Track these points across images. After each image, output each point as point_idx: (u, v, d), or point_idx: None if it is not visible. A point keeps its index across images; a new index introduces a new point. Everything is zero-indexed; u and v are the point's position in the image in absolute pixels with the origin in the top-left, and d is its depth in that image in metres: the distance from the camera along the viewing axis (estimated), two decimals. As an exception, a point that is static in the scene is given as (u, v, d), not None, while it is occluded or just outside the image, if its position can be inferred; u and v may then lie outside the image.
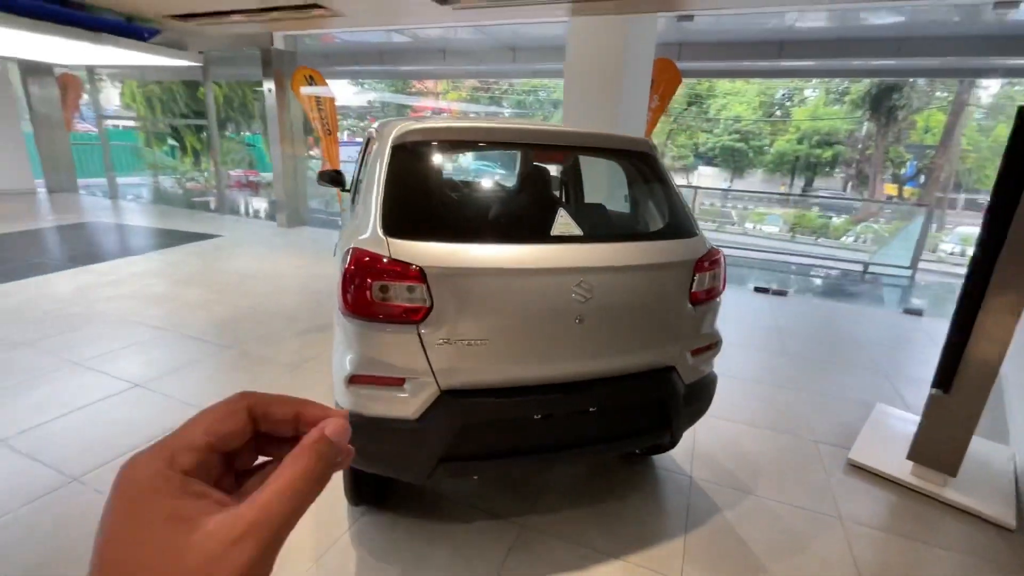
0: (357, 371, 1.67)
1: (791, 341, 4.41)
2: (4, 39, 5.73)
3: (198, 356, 3.56)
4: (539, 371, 1.75)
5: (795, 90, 29.28)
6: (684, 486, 2.46)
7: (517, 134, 1.95)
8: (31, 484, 2.25)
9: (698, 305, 1.97)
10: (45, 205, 9.44)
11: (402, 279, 1.58)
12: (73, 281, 5.11)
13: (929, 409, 2.46)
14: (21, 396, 2.95)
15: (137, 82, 13.24)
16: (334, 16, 5.16)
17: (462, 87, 28.56)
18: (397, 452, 1.72)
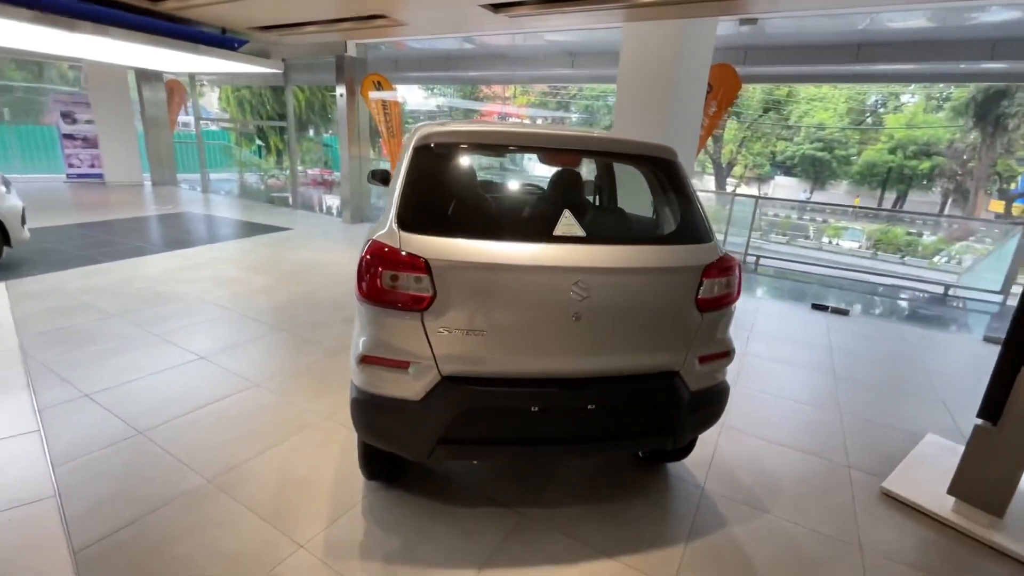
0: (368, 352, 1.82)
1: (843, 362, 4.15)
2: (124, 51, 6.57)
3: (255, 335, 3.92)
4: (535, 365, 1.82)
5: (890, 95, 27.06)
6: (694, 496, 2.42)
7: (534, 138, 2.03)
8: (107, 433, 2.61)
9: (707, 312, 1.95)
10: (149, 196, 10.64)
11: (409, 270, 1.71)
12: (163, 263, 5.76)
13: (974, 441, 2.27)
14: (108, 359, 3.40)
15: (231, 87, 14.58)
16: (398, 25, 5.48)
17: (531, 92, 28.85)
18: (401, 430, 1.86)
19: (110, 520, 2.05)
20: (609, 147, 2.12)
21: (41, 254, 5.79)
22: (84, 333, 3.78)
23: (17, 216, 5.12)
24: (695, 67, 5.12)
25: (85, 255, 5.87)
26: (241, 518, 2.11)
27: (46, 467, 2.33)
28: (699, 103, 5.38)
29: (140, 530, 2.01)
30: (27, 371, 3.17)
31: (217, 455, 2.49)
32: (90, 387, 3.03)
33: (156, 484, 2.27)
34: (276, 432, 2.71)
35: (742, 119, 27.06)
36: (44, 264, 5.42)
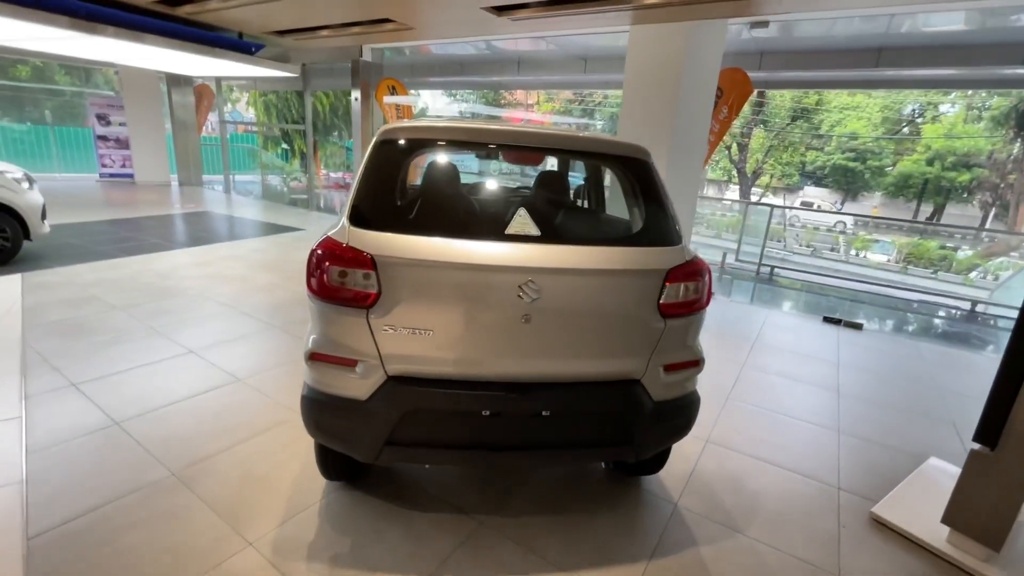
0: (316, 349, 1.80)
1: (850, 378, 3.94)
2: (145, 54, 6.82)
3: (247, 332, 3.96)
4: (484, 367, 1.76)
5: (928, 105, 26.09)
6: (665, 512, 2.31)
7: (497, 136, 1.98)
8: (84, 422, 2.65)
9: (671, 318, 1.86)
10: (175, 195, 10.99)
11: (355, 265, 1.68)
12: (173, 260, 5.91)
13: (969, 467, 2.10)
14: (102, 350, 3.48)
15: (258, 92, 15.00)
16: (405, 29, 5.52)
17: (556, 99, 28.84)
18: (348, 430, 1.82)
19: (69, 508, 2.06)
20: (578, 146, 2.05)
21: (61, 248, 6.01)
22: (85, 324, 3.88)
23: (37, 211, 5.33)
24: (703, 71, 5.00)
25: (102, 250, 6.07)
26: (197, 512, 2.10)
27: (20, 453, 2.37)
28: (707, 108, 5.25)
29: (96, 519, 2.02)
30: (23, 359, 3.26)
31: (185, 448, 2.50)
32: (78, 377, 3.10)
33: (121, 474, 2.29)
34: (248, 428, 2.71)
35: (769, 127, 26.45)
36: (62, 257, 5.62)
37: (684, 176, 5.27)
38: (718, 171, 30.58)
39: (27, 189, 5.27)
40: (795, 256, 14.19)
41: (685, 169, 5.24)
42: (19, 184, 5.18)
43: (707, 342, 4.52)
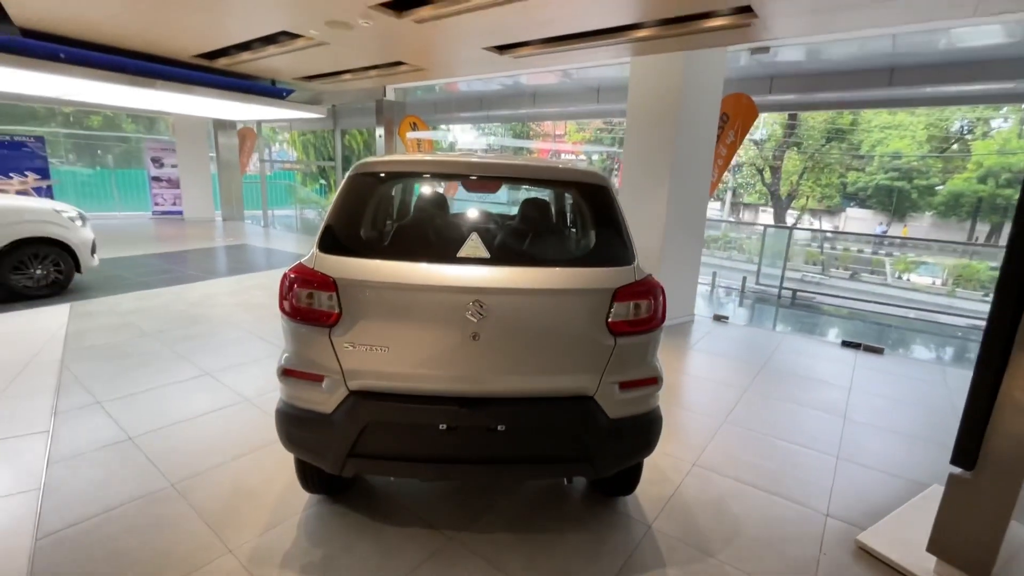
0: (288, 365, 1.95)
1: (861, 404, 3.80)
2: (190, 102, 7.49)
3: (261, 356, 4.20)
4: (438, 383, 1.86)
5: (978, 121, 25.04)
6: (638, 534, 2.30)
7: (459, 167, 2.13)
8: (103, 437, 2.89)
9: (622, 336, 1.92)
10: (218, 230, 11.76)
11: (319, 287, 1.84)
12: (206, 289, 6.33)
13: (949, 491, 2.02)
14: (129, 372, 3.77)
15: (297, 132, 16.01)
16: (417, 70, 5.89)
17: (586, 128, 29.31)
18: (316, 441, 1.94)
19: (76, 513, 2.26)
20: (535, 174, 2.17)
21: (108, 280, 6.54)
22: (118, 349, 4.22)
23: (87, 246, 5.86)
24: (704, 99, 5.08)
25: (144, 281, 6.58)
26: (187, 520, 2.25)
27: (43, 463, 2.61)
28: (711, 135, 5.30)
29: (97, 524, 2.20)
30: (59, 379, 3.58)
31: (186, 462, 2.68)
32: (103, 396, 3.38)
33: (127, 484, 2.48)
34: (246, 444, 2.88)
35: (803, 149, 25.94)
36: (107, 288, 6.12)
37: (689, 202, 5.30)
38: (754, 195, 30.06)
39: (80, 226, 5.82)
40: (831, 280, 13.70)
41: (690, 195, 5.27)
42: (73, 222, 5.74)
43: (712, 365, 4.47)
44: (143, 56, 5.92)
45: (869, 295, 9.89)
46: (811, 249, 15.86)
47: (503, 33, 4.41)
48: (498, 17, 3.93)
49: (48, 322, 4.80)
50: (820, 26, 3.81)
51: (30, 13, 4.54)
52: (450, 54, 5.13)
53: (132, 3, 4.28)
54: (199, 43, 5.55)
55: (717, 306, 7.32)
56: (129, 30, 5.16)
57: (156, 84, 6.37)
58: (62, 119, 16.97)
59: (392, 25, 4.20)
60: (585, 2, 3.62)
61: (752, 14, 3.57)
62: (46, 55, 5.21)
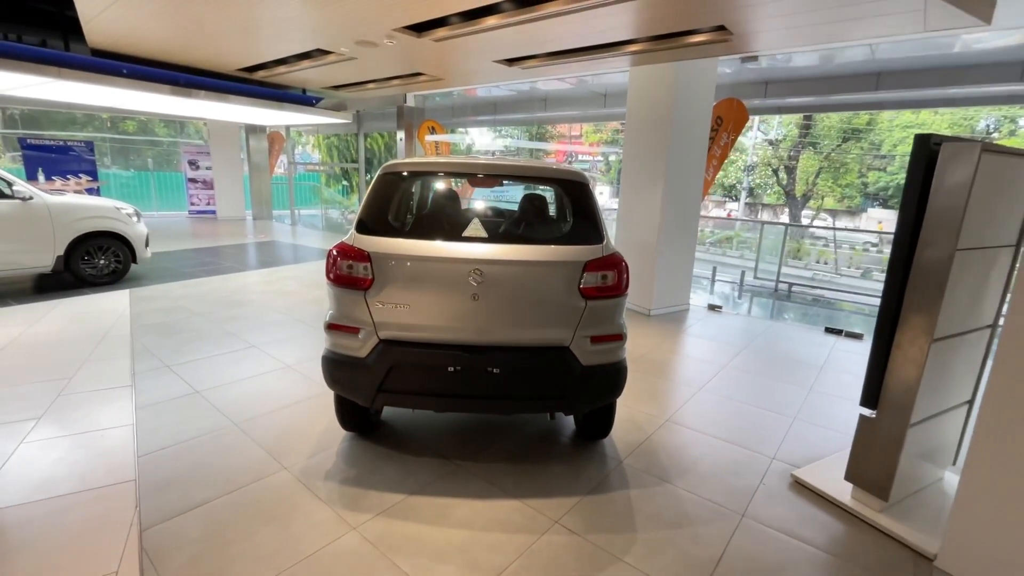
0: (333, 321, 2.52)
1: (828, 378, 4.23)
2: (228, 110, 8.22)
3: (298, 334, 4.82)
4: (447, 333, 2.40)
5: (1004, 119, 24.70)
6: (610, 467, 2.81)
7: (465, 167, 2.68)
8: (176, 391, 3.51)
9: (592, 299, 2.44)
10: (249, 228, 12.55)
11: (358, 259, 2.40)
12: (243, 279, 7.01)
13: (859, 429, 2.49)
14: (188, 344, 4.42)
15: (322, 136, 16.81)
16: (436, 80, 6.47)
17: (603, 129, 29.70)
18: (353, 380, 2.50)
19: (165, 440, 2.87)
20: (525, 172, 2.71)
21: (159, 270, 7.28)
22: (175, 326, 4.88)
23: (142, 240, 6.59)
24: (696, 105, 5.54)
25: (188, 271, 7.30)
26: (250, 448, 2.84)
27: (131, 410, 3.24)
28: (703, 137, 5.75)
29: (182, 448, 2.81)
30: (132, 349, 4.24)
31: (246, 408, 3.29)
32: (171, 361, 4.02)
33: (200, 423, 3.09)
34: (292, 397, 3.47)
35: (818, 150, 25.89)
36: (159, 277, 6.85)
37: (683, 201, 5.76)
38: (772, 196, 30.02)
39: (136, 222, 6.55)
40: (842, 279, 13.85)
41: (683, 195, 5.73)
42: (130, 218, 6.46)
43: (698, 346, 5.00)
44: (191, 70, 6.63)
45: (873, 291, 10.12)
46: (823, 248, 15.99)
47: (512, 49, 4.95)
48: (507, 36, 4.48)
49: (113, 304, 5.50)
50: (789, 41, 4.26)
51: (104, 37, 5.25)
52: (465, 66, 5.70)
53: (190, 28, 4.94)
54: (242, 59, 6.22)
55: (714, 298, 7.73)
56: (182, 49, 5.85)
57: (201, 94, 7.08)
58: (100, 124, 18.11)
59: (412, 43, 4.78)
60: (584, 23, 4.14)
61: (727, 32, 4.05)
62: (111, 71, 5.94)
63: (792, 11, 3.53)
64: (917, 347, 2.24)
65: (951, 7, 3.24)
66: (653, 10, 3.75)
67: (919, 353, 2.23)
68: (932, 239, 2.16)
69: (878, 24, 3.68)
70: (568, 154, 29.92)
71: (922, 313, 2.21)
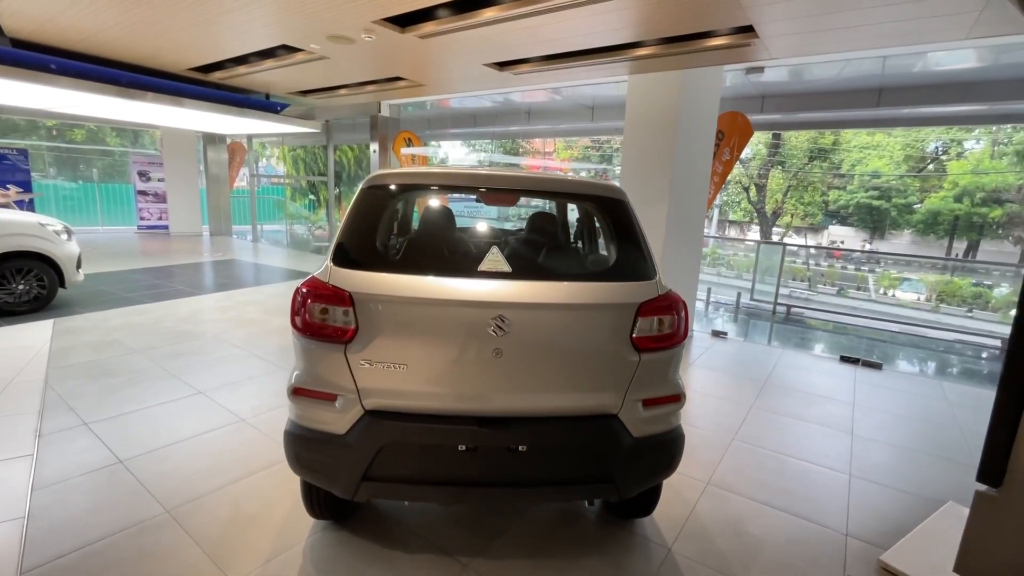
0: (299, 384, 1.86)
1: (866, 419, 3.79)
2: (182, 116, 7.40)
3: (256, 373, 4.07)
4: (458, 401, 1.79)
5: (951, 142, 25.90)
6: (658, 558, 2.23)
7: (474, 179, 2.09)
8: (91, 460, 2.74)
9: (646, 352, 1.87)
10: (206, 245, 11.55)
11: (334, 302, 1.77)
12: (195, 305, 6.17)
13: (976, 510, 1.99)
14: (117, 391, 3.62)
15: (288, 148, 15.93)
16: (416, 86, 5.89)
17: (574, 146, 29.68)
18: (327, 464, 1.85)
19: (63, 543, 2.12)
20: (550, 187, 2.15)
21: (94, 295, 6.35)
22: (105, 367, 4.06)
23: (73, 260, 5.69)
24: (701, 116, 5.15)
25: (131, 296, 6.39)
26: (184, 549, 2.13)
27: (26, 489, 2.46)
28: (708, 151, 5.36)
29: (86, 555, 2.07)
30: (43, 399, 3.42)
31: (182, 486, 2.55)
32: (91, 416, 3.23)
33: (118, 511, 2.35)
34: (245, 467, 2.75)
35: (786, 168, 26.55)
36: (93, 304, 5.93)
37: (687, 218, 5.33)
38: (739, 212, 30.58)
39: (65, 240, 5.65)
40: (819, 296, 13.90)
41: (687, 211, 5.30)
42: (58, 236, 5.57)
43: (716, 381, 4.44)
44: (136, 69, 5.85)
45: (858, 310, 10.04)
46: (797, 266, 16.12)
47: (505, 50, 4.43)
48: (502, 34, 3.95)
49: (30, 339, 4.61)
50: (817, 46, 3.90)
51: (24, 23, 4.46)
52: (451, 70, 5.14)
53: (128, 17, 4.22)
54: (194, 56, 5.49)
55: (713, 322, 7.33)
56: (123, 43, 5.10)
57: (147, 96, 6.28)
58: (44, 132, 16.71)
59: (394, 40, 4.20)
60: (589, 21, 3.66)
61: (752, 34, 3.63)
62: (36, 66, 5.11)
63: (830, 9, 3.13)
64: (1063, 412, 1.76)
65: (1011, 8, 2.89)
66: (671, 5, 3.30)
67: (1065, 420, 1.76)
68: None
69: (912, 31, 3.33)
70: (542, 169, 29.75)
71: (1071, 370, 1.74)
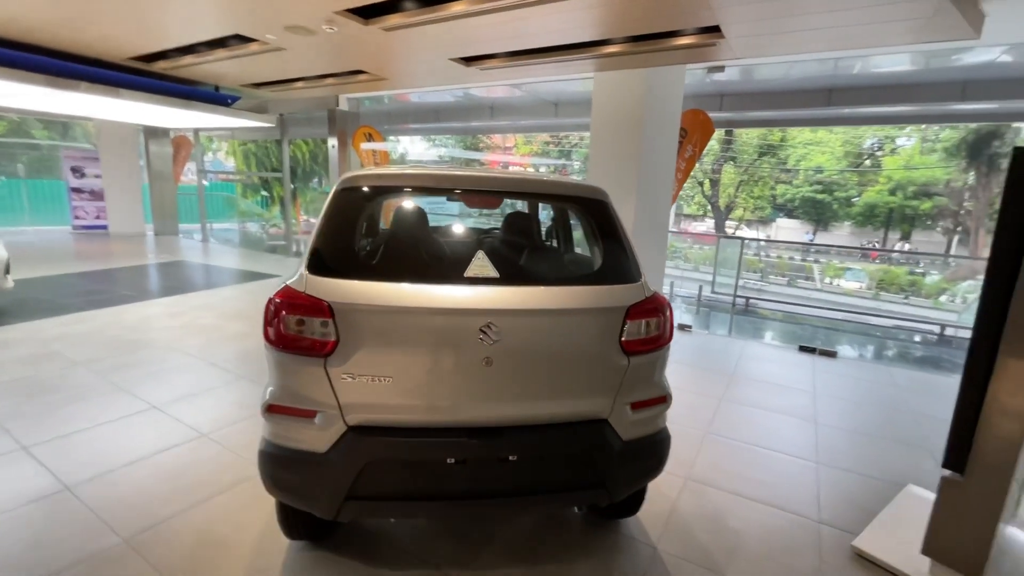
0: (274, 401, 1.74)
1: (827, 407, 3.96)
2: (122, 108, 6.89)
3: (215, 384, 3.84)
4: (447, 413, 1.72)
5: (885, 139, 27.56)
6: (645, 557, 2.23)
7: (458, 180, 2.02)
8: (32, 488, 2.50)
9: (634, 355, 1.86)
10: (150, 246, 10.86)
11: (312, 313, 1.66)
12: (143, 311, 5.77)
13: (942, 495, 2.10)
14: (59, 409, 3.32)
15: (238, 142, 15.18)
16: (379, 80, 5.70)
17: (533, 142, 29.72)
18: (307, 485, 1.74)
19: (5, 585, 1.92)
20: (536, 188, 2.10)
21: (25, 303, 5.83)
22: (43, 383, 3.72)
23: (1, 265, 5.20)
24: (666, 113, 5.22)
25: (69, 303, 5.91)
26: (147, 582, 1.97)
27: (-43, 526, 2.22)
28: (672, 147, 5.45)
29: (34, 596, 1.88)
30: (-28, 422, 3.10)
31: (140, 512, 2.36)
32: (30, 439, 2.95)
33: (69, 543, 2.15)
34: (209, 487, 2.58)
35: (738, 163, 27.55)
36: (25, 313, 5.45)
37: (653, 213, 5.41)
38: (693, 206, 31.55)
39: (-10, 244, 5.16)
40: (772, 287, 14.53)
41: (654, 206, 5.38)
42: (-18, 239, 5.07)
43: (685, 375, 4.50)
44: (69, 58, 5.38)
45: (809, 300, 10.54)
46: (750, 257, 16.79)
47: (473, 45, 4.34)
48: (470, 28, 3.86)
49: (-47, 354, 4.18)
50: (777, 47, 4.01)
51: (-68, 3, 4.00)
52: (416, 63, 5.00)
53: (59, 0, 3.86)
54: (136, 45, 5.11)
55: (678, 316, 7.51)
56: (53, 29, 4.67)
57: (81, 87, 5.80)
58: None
59: (357, 32, 4.03)
60: (558, 17, 3.62)
61: (718, 34, 3.70)
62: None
63: (796, 12, 3.22)
64: (1021, 398, 1.87)
65: (956, 15, 3.05)
66: (641, 3, 3.30)
67: (1022, 404, 1.87)
68: (1043, 272, 1.80)
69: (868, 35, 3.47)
70: (501, 164, 29.66)
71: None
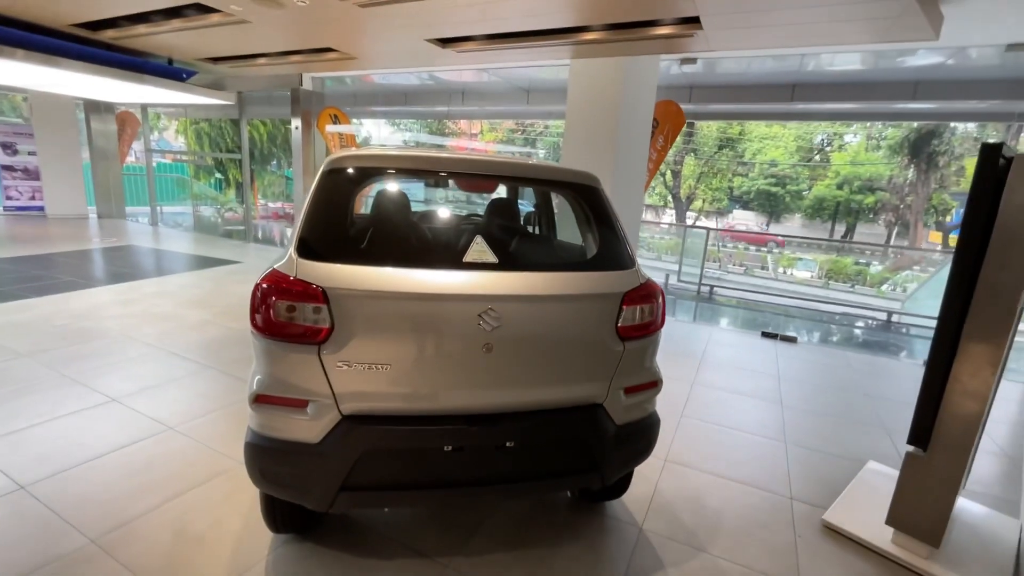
0: (263, 391, 1.67)
1: (790, 390, 4.15)
2: (63, 80, 6.36)
3: (178, 375, 3.65)
4: (446, 400, 1.70)
5: (834, 135, 28.87)
6: (631, 538, 2.29)
7: (451, 164, 1.97)
8: (-19, 489, 2.31)
9: (629, 340, 1.88)
10: (93, 229, 10.16)
11: (304, 299, 1.59)
12: (92, 299, 5.41)
13: (906, 469, 2.24)
14: (4, 404, 3.08)
15: (189, 120, 14.34)
16: (348, 59, 5.49)
17: (498, 129, 29.50)
18: (299, 477, 1.68)
19: (-41, 593, 1.77)
20: (531, 173, 2.08)
21: (-45, 290, 5.36)
22: (-17, 375, 3.44)
23: (-74, 249, 4.74)
24: (640, 103, 5.27)
25: (6, 291, 5.47)
26: (121, 584, 1.86)
27: None
28: (645, 137, 5.52)
29: (-6, 604, 1.75)
30: (-97, 420, 2.83)
31: (107, 510, 2.23)
32: (-26, 436, 2.72)
33: (28, 546, 2.00)
34: (182, 481, 2.46)
35: (698, 155, 28.27)
36: (-45, 301, 5.01)
37: (627, 201, 5.47)
38: (655, 197, 32.22)
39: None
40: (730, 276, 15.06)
41: (628, 194, 5.45)
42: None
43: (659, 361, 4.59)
44: (3, 21, 4.91)
45: (767, 288, 10.99)
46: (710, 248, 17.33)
47: (450, 26, 4.23)
48: (448, 8, 3.76)
49: None
50: (751, 41, 4.10)
51: None
52: (389, 43, 4.83)
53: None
54: (80, 10, 4.70)
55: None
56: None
57: (17, 55, 5.31)
58: None
59: (330, 8, 3.85)
60: (539, 1, 3.57)
61: (696, 25, 3.74)
62: None
63: (776, 7, 3.29)
64: (980, 380, 2.01)
65: (921, 17, 3.20)
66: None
67: (982, 386, 2.01)
68: (1003, 261, 1.93)
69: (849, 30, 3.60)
70: (468, 150, 29.29)
71: (988, 342, 1.98)
